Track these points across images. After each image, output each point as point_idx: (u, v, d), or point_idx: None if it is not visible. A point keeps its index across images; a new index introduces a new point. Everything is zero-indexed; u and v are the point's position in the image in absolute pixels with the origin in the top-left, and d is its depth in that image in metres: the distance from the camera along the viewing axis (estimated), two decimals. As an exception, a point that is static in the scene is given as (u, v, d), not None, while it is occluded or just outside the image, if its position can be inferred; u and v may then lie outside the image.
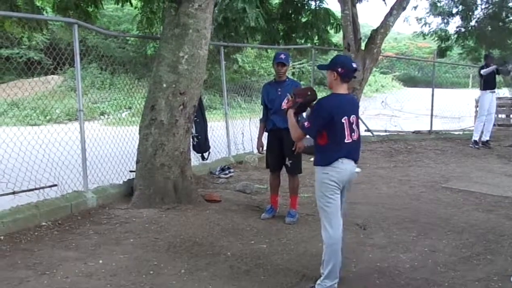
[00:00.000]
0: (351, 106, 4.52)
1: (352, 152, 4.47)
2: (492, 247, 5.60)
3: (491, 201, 7.64)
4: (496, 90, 13.09)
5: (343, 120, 4.37)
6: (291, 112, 4.73)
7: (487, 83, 12.48)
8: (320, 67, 4.89)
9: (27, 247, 5.32)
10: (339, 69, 4.40)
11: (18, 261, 4.94)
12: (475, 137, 12.62)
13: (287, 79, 6.65)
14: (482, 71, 12.40)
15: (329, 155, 4.41)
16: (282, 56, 6.57)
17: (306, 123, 4.52)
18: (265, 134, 6.85)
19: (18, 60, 21.83)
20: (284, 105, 6.39)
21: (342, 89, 4.47)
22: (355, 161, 4.51)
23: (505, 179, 9.17)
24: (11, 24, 9.70)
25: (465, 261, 5.21)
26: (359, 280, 4.71)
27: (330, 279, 4.36)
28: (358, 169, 4.76)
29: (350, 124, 4.42)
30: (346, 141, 4.39)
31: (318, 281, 4.40)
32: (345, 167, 4.39)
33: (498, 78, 12.98)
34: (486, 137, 12.65)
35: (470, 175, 9.42)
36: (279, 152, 6.61)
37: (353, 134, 4.44)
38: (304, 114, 6.37)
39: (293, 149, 6.42)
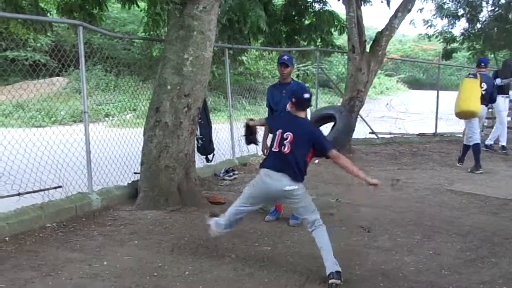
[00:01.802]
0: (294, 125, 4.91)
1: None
2: (497, 250, 5.59)
3: (496, 203, 7.63)
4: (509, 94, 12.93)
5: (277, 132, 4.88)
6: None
7: (502, 88, 12.29)
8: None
9: (32, 248, 5.33)
10: (293, 99, 4.92)
11: (23, 262, 4.95)
12: (502, 142, 12.42)
13: (291, 81, 6.64)
14: (500, 81, 12.17)
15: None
16: (285, 57, 6.58)
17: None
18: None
19: (23, 62, 21.87)
20: (288, 107, 6.42)
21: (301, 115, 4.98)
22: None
23: (510, 181, 9.16)
24: (16, 25, 9.73)
25: (470, 264, 5.20)
26: (363, 283, 4.70)
27: None
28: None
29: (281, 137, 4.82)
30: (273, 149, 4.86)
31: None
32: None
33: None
34: (491, 141, 12.58)
35: (474, 178, 9.40)
36: None
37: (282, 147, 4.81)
38: (308, 116, 6.43)
39: None
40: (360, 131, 13.33)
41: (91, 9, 10.43)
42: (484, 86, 10.36)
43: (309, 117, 6.45)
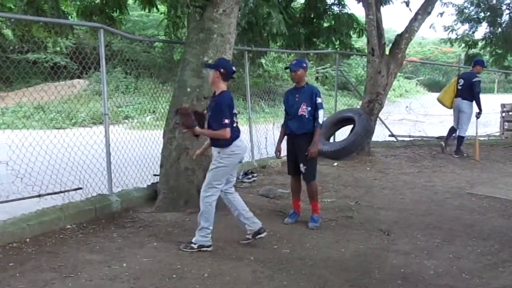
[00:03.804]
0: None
1: None
2: (518, 254, 5.54)
3: (517, 207, 7.56)
4: None
5: (234, 111, 5.60)
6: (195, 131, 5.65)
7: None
8: (206, 65, 6.14)
9: (52, 250, 5.38)
10: (222, 70, 5.51)
11: (43, 263, 4.99)
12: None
13: (305, 85, 6.63)
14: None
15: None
16: (294, 62, 6.62)
17: (225, 120, 5.42)
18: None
19: (44, 64, 22.08)
20: (301, 111, 6.47)
21: (224, 86, 5.62)
22: None
23: (532, 185, 9.06)
24: (38, 28, 9.82)
25: (490, 268, 5.16)
26: (382, 286, 4.69)
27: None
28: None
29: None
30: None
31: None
32: None
33: None
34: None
35: (495, 181, 9.32)
36: (295, 158, 6.62)
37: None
38: (320, 120, 6.42)
39: (306, 154, 6.40)
40: (380, 134, 13.28)
41: (111, 12, 10.51)
42: (461, 82, 11.76)
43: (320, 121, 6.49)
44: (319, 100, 6.50)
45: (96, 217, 6.55)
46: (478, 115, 11.54)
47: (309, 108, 6.45)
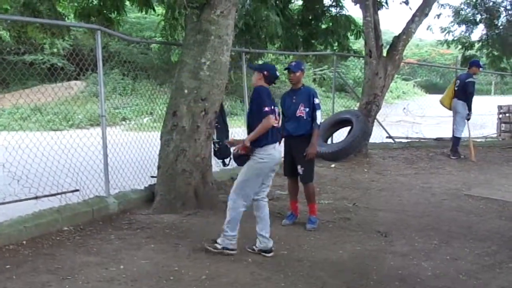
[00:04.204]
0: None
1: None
2: (515, 256, 5.54)
3: (514, 209, 7.57)
4: None
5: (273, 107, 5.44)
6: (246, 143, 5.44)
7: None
8: (250, 66, 6.23)
9: (49, 252, 5.36)
10: (265, 72, 5.51)
11: (40, 265, 4.97)
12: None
13: (302, 87, 6.64)
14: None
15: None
16: (292, 63, 6.62)
17: (266, 108, 5.32)
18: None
19: (41, 65, 22.08)
20: (299, 112, 6.49)
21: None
22: None
23: (529, 187, 9.07)
24: (34, 29, 9.80)
25: (488, 269, 5.16)
26: (380, 285, 4.68)
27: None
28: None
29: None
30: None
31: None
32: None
33: None
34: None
35: (492, 183, 9.33)
36: (292, 159, 6.62)
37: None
38: (318, 120, 6.44)
39: (304, 154, 6.41)
40: (377, 136, 13.28)
41: (108, 13, 10.50)
42: (458, 83, 11.83)
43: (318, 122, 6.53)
44: (316, 100, 6.51)
45: (93, 219, 6.52)
46: (468, 116, 11.56)
47: (307, 109, 6.46)
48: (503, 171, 10.45)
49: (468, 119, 11.63)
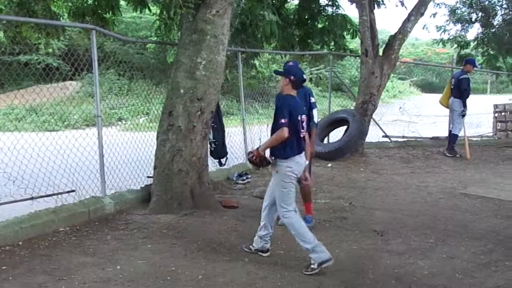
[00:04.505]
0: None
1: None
2: (511, 254, 5.55)
3: (510, 207, 7.57)
4: None
5: (299, 118, 5.19)
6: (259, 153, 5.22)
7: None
8: (276, 72, 5.81)
9: (45, 253, 5.35)
10: (292, 77, 5.23)
11: (36, 266, 4.96)
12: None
13: None
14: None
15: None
16: (291, 64, 6.58)
17: (282, 120, 5.03)
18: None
19: (36, 66, 22.02)
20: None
21: (293, 93, 5.30)
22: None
23: (525, 185, 9.09)
24: (29, 29, 9.77)
25: (484, 267, 5.17)
26: (376, 286, 4.69)
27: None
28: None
29: (303, 122, 5.29)
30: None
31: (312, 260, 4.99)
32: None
33: None
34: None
35: (488, 182, 9.34)
36: None
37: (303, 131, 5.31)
38: (315, 119, 6.44)
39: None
40: (373, 135, 13.29)
41: (103, 13, 10.47)
42: (453, 81, 11.89)
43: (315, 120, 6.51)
44: (312, 99, 6.52)
45: (89, 219, 6.51)
46: (463, 112, 11.58)
47: (304, 108, 6.45)
48: (499, 170, 10.47)
49: (463, 116, 11.64)
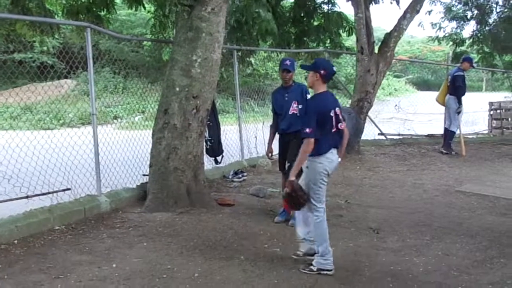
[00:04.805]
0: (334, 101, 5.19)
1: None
2: (506, 251, 5.57)
3: (505, 204, 7.60)
4: None
5: (331, 114, 4.97)
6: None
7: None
8: (303, 67, 5.70)
9: (41, 251, 5.33)
10: (322, 71, 4.96)
11: (32, 265, 4.95)
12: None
13: (293, 84, 6.66)
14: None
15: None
16: (288, 62, 6.61)
17: (307, 130, 4.82)
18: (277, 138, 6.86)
19: (31, 64, 21.96)
20: (292, 110, 6.50)
21: (323, 88, 5.06)
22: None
23: (519, 182, 9.12)
24: (23, 26, 9.73)
25: (479, 264, 5.19)
26: (372, 284, 4.69)
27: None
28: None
29: (336, 116, 5.03)
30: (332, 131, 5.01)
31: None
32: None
33: None
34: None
35: (483, 179, 9.36)
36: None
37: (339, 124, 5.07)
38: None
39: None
40: (369, 132, 13.30)
41: (98, 11, 10.43)
42: (449, 78, 11.90)
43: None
44: (308, 97, 6.52)
45: (85, 217, 6.50)
46: (458, 110, 11.59)
47: (300, 106, 6.48)
48: (494, 167, 10.49)
49: (458, 113, 11.65)
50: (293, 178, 4.88)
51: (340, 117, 5.08)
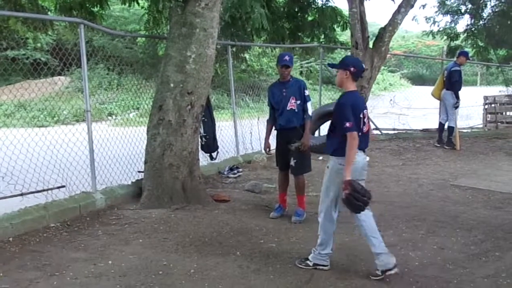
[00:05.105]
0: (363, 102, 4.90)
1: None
2: (501, 244, 5.59)
3: (500, 198, 7.61)
4: None
5: (361, 115, 4.73)
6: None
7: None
8: (331, 65, 5.49)
9: (36, 249, 5.32)
10: (352, 69, 4.74)
11: (27, 262, 4.94)
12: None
13: (291, 79, 6.64)
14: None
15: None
16: (287, 57, 6.56)
17: (347, 124, 4.58)
18: (274, 134, 6.85)
19: (24, 61, 21.87)
20: (290, 105, 6.48)
21: (353, 86, 4.84)
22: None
23: (514, 176, 9.14)
24: (16, 22, 9.67)
25: (474, 258, 5.21)
26: (368, 278, 4.69)
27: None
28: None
29: (364, 118, 4.79)
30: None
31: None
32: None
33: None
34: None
35: (478, 173, 9.37)
36: (286, 152, 6.60)
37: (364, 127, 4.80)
38: (310, 112, 6.40)
39: (298, 147, 6.42)
40: (364, 127, 13.27)
41: (91, 7, 10.38)
42: (445, 73, 11.94)
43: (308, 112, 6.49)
44: (307, 92, 6.55)
45: (80, 215, 6.49)
46: (455, 104, 11.61)
47: (298, 102, 6.48)
48: (489, 161, 10.51)
49: (456, 107, 11.68)
50: (349, 177, 4.58)
51: (366, 120, 4.86)
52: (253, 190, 8.00)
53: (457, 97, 11.59)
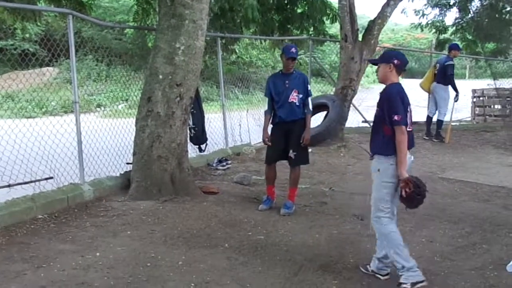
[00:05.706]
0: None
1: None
2: (488, 237, 5.64)
3: (488, 191, 7.67)
4: None
5: (408, 109, 4.52)
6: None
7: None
8: (372, 61, 5.39)
9: (23, 240, 5.29)
10: (395, 61, 4.55)
11: (14, 254, 4.91)
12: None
13: (294, 71, 6.60)
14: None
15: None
16: (293, 50, 6.47)
17: (396, 117, 4.36)
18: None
19: (12, 51, 21.69)
20: (292, 98, 6.46)
21: (397, 80, 4.66)
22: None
23: (501, 169, 9.20)
24: (3, 12, 9.55)
25: (462, 250, 5.25)
26: (356, 271, 4.71)
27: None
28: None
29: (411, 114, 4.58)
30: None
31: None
32: None
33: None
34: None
35: (466, 166, 9.43)
36: (284, 146, 6.57)
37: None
38: (310, 106, 6.39)
39: (300, 141, 6.42)
40: (353, 120, 13.31)
41: (80, -3, 10.29)
42: (437, 66, 12.06)
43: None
44: (309, 87, 6.56)
45: (68, 206, 6.46)
46: (456, 97, 11.68)
47: (301, 95, 6.48)
48: (477, 154, 10.57)
49: (456, 101, 11.75)
50: (405, 174, 4.42)
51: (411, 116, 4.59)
52: (241, 182, 8.00)
53: (456, 90, 11.64)
